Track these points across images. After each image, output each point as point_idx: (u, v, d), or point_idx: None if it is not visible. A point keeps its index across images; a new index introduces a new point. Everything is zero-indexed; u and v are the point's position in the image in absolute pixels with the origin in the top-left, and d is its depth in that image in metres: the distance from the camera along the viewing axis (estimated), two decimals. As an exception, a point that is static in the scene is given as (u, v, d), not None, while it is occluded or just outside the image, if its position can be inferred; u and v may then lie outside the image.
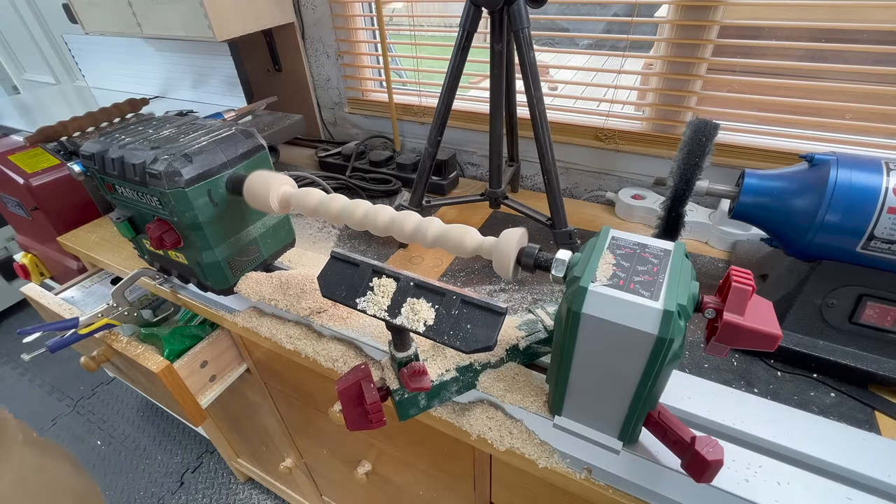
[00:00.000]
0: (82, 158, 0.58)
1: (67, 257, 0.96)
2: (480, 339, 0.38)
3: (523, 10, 0.58)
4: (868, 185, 0.45)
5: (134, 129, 0.60)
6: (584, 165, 0.91)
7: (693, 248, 0.74)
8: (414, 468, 0.74)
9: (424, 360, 0.47)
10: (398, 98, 1.07)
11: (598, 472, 0.43)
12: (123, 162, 0.53)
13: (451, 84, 0.66)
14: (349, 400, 0.43)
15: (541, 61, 0.78)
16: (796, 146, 0.74)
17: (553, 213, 0.67)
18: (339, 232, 0.82)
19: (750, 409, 0.46)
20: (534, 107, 0.62)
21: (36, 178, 0.87)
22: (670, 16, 0.75)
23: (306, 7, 1.07)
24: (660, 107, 0.83)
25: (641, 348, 0.33)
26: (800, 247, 0.50)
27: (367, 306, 0.41)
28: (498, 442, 0.46)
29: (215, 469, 1.45)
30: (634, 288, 0.33)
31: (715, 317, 0.34)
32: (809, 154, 0.50)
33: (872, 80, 0.68)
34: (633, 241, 0.38)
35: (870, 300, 0.48)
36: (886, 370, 0.48)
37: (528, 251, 0.39)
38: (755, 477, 0.40)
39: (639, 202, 0.81)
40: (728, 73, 0.77)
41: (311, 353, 0.58)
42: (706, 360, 0.53)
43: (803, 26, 0.68)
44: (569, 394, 0.41)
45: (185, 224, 0.54)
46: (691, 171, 0.52)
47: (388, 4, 1.07)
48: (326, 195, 0.50)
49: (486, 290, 0.67)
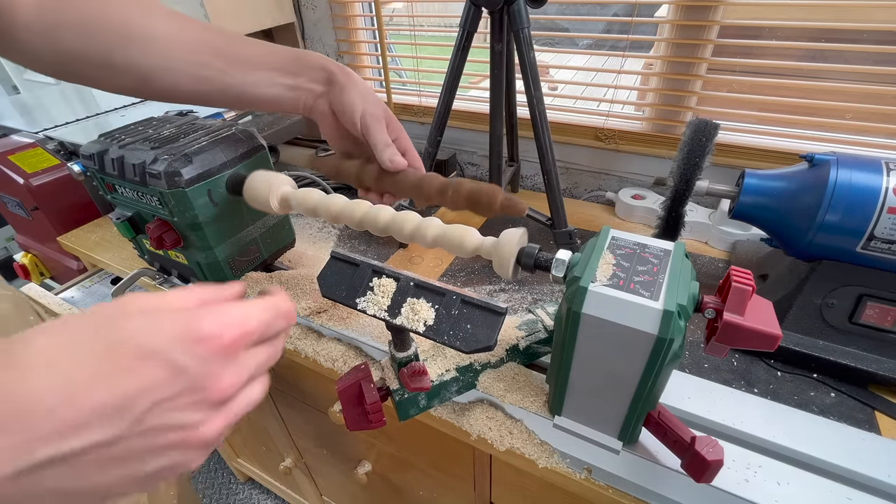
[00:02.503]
0: (82, 158, 0.58)
1: (67, 257, 0.96)
2: (480, 339, 0.38)
3: (523, 10, 0.58)
4: (868, 185, 0.45)
5: (134, 129, 0.60)
6: (584, 165, 0.91)
7: (693, 248, 0.74)
8: (414, 468, 0.74)
9: (424, 360, 0.47)
10: (398, 98, 1.07)
11: (598, 472, 0.43)
12: (123, 162, 0.53)
13: (451, 84, 0.66)
14: (349, 400, 0.43)
15: (541, 61, 0.78)
16: (796, 146, 0.74)
17: (553, 213, 0.67)
18: (339, 232, 0.82)
19: (750, 409, 0.46)
20: (534, 107, 0.62)
21: (36, 178, 0.87)
22: (670, 16, 0.75)
23: (306, 7, 1.07)
24: (660, 107, 0.83)
25: (641, 348, 0.33)
26: (800, 247, 0.50)
27: (367, 306, 0.41)
28: (498, 442, 0.46)
29: (215, 469, 1.45)
30: (634, 288, 0.33)
31: (715, 317, 0.34)
32: (809, 154, 0.50)
33: (872, 80, 0.68)
34: (633, 241, 0.38)
35: (870, 300, 0.48)
36: (886, 370, 0.48)
37: (528, 251, 0.39)
38: (755, 477, 0.40)
39: (639, 202, 0.81)
40: (728, 73, 0.77)
41: (311, 353, 0.58)
42: (706, 360, 0.53)
43: (803, 26, 0.68)
44: (569, 394, 0.41)
45: (185, 224, 0.54)
46: (691, 171, 0.52)
47: (388, 4, 1.08)
48: (326, 195, 0.50)
49: (486, 290, 0.67)
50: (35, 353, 0.20)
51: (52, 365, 0.20)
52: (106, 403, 0.20)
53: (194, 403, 0.22)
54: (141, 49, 0.43)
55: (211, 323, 0.23)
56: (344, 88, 0.46)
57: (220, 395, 0.23)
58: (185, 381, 0.22)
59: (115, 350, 0.21)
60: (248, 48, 0.46)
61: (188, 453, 0.23)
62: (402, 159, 0.45)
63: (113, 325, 0.22)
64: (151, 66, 0.44)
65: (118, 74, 0.44)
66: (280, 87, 0.47)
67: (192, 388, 0.22)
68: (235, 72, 0.46)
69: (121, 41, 0.42)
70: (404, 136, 0.48)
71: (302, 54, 0.47)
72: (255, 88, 0.47)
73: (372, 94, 0.47)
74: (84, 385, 0.20)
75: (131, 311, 0.22)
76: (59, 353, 0.20)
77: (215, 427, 0.23)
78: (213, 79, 0.46)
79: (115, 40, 0.42)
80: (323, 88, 0.47)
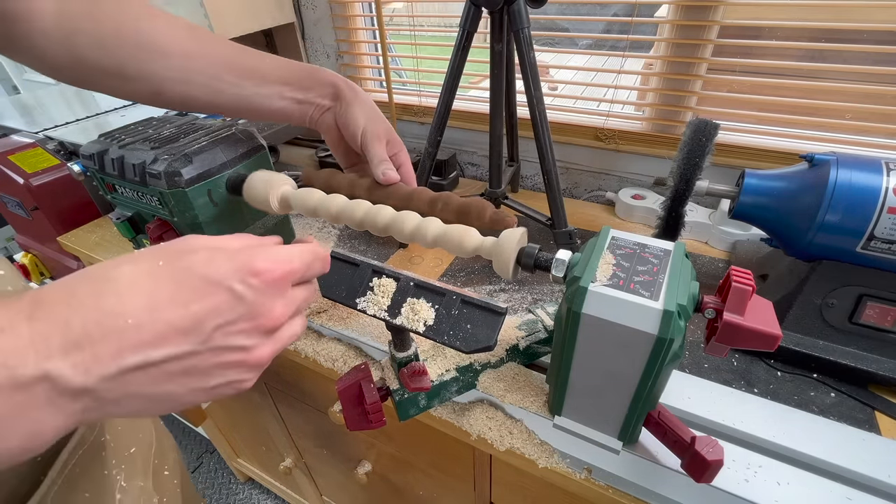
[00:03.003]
0: (82, 158, 0.58)
1: (67, 257, 0.96)
2: (480, 339, 0.38)
3: (523, 10, 0.58)
4: (868, 185, 0.45)
5: (134, 129, 0.60)
6: (584, 165, 0.91)
7: (693, 248, 0.74)
8: (414, 468, 0.74)
9: (424, 360, 0.47)
10: (398, 98, 1.07)
11: (598, 472, 0.43)
12: (123, 162, 0.53)
13: (451, 84, 0.66)
14: (349, 400, 0.43)
15: (541, 61, 0.78)
16: (796, 146, 0.74)
17: (553, 213, 0.67)
18: (339, 232, 0.82)
19: (750, 409, 0.46)
20: (534, 107, 0.62)
21: (36, 178, 0.87)
22: (670, 16, 0.75)
23: (306, 7, 1.07)
24: (660, 107, 0.83)
25: (641, 348, 0.33)
26: (800, 247, 0.50)
27: (367, 306, 0.41)
28: (498, 442, 0.46)
29: (215, 469, 1.45)
30: (634, 288, 0.33)
31: (715, 317, 0.33)
32: (809, 154, 0.50)
33: (872, 80, 0.68)
34: (633, 241, 0.38)
35: (870, 300, 0.48)
36: (886, 370, 0.48)
37: (528, 251, 0.39)
38: (755, 477, 0.40)
39: (639, 202, 0.81)
40: (728, 73, 0.77)
41: (311, 353, 0.58)
42: (706, 360, 0.53)
43: (803, 26, 0.68)
44: (569, 394, 0.41)
45: (185, 224, 0.54)
46: (691, 171, 0.52)
47: (388, 4, 1.07)
48: (326, 195, 0.50)
49: (486, 290, 0.67)
50: (123, 278, 0.24)
51: (138, 288, 0.23)
52: (181, 322, 0.23)
53: (250, 329, 0.26)
54: (155, 60, 0.45)
55: (264, 260, 0.26)
56: (350, 105, 0.48)
57: (271, 323, 0.27)
58: (243, 309, 0.25)
59: (185, 279, 0.24)
60: (261, 62, 0.49)
61: (243, 374, 0.27)
62: (395, 174, 0.47)
63: (182, 257, 0.25)
64: (165, 76, 0.45)
65: (132, 83, 0.46)
66: (290, 100, 0.49)
67: (249, 315, 0.26)
68: (248, 84, 0.48)
69: (135, 52, 0.44)
70: (404, 153, 0.50)
71: (314, 70, 0.50)
72: (266, 101, 0.49)
73: (376, 111, 0.49)
74: (163, 306, 0.23)
75: (196, 248, 0.26)
76: (143, 279, 0.24)
77: (266, 352, 0.27)
78: (225, 91, 0.47)
79: (129, 51, 0.44)
80: (330, 103, 0.50)
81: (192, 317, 0.24)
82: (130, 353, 0.22)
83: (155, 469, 0.47)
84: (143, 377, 0.23)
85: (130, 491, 0.42)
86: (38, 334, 0.21)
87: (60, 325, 0.21)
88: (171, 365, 0.24)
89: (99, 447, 0.40)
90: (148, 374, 0.23)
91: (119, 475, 0.42)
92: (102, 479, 0.40)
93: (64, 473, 0.36)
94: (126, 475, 0.42)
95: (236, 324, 0.25)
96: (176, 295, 0.24)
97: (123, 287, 0.23)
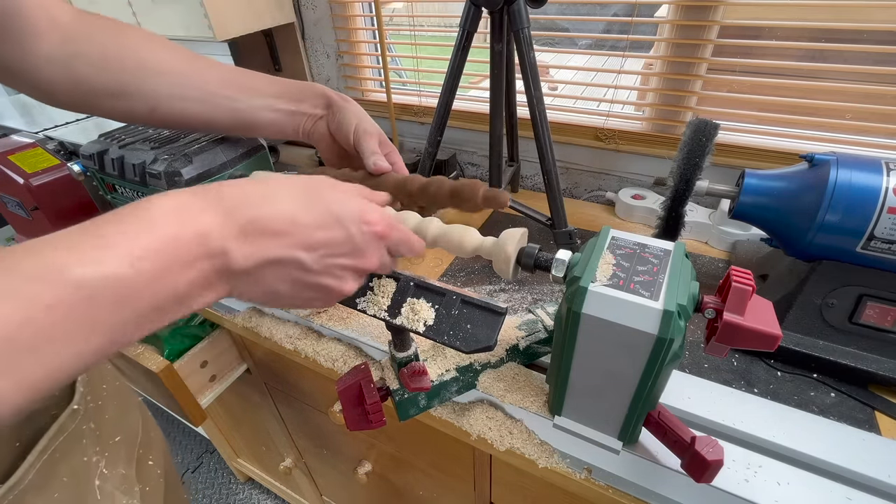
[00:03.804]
0: (82, 158, 0.58)
1: (67, 257, 0.96)
2: (480, 339, 0.38)
3: (523, 10, 0.58)
4: (868, 185, 0.45)
5: (134, 129, 0.60)
6: (584, 165, 0.91)
7: (693, 248, 0.74)
8: (414, 468, 0.74)
9: (424, 360, 0.47)
10: (398, 98, 1.07)
11: (598, 472, 0.43)
12: (123, 162, 0.53)
13: (451, 84, 0.66)
14: (349, 400, 0.43)
15: (541, 61, 0.78)
16: (796, 146, 0.74)
17: (553, 213, 0.67)
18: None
19: (750, 409, 0.46)
20: (534, 107, 0.62)
21: (36, 178, 0.87)
22: (670, 16, 0.75)
23: (306, 7, 1.07)
24: (660, 107, 0.83)
25: (641, 348, 0.33)
26: (800, 247, 0.50)
27: (367, 306, 0.41)
28: (498, 442, 0.46)
29: (215, 469, 1.45)
30: (634, 288, 0.33)
31: (715, 317, 0.33)
32: (809, 154, 0.50)
33: (872, 80, 0.68)
34: (633, 241, 0.38)
35: (870, 300, 0.48)
36: (886, 370, 0.48)
37: (528, 251, 0.39)
38: (755, 477, 0.40)
39: (639, 202, 0.81)
40: (728, 73, 0.77)
41: (311, 353, 0.58)
42: (706, 360, 0.53)
43: (803, 26, 0.68)
44: (569, 394, 0.41)
45: (185, 224, 0.54)
46: (691, 171, 0.52)
47: (388, 4, 1.08)
48: (326, 195, 0.50)
49: (486, 290, 0.67)
50: (281, 195, 0.31)
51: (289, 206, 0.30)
52: (310, 241, 0.30)
53: (348, 266, 0.33)
54: (153, 77, 0.47)
55: (376, 214, 0.34)
56: (341, 109, 0.50)
57: (364, 265, 0.34)
58: (350, 246, 0.32)
59: (321, 212, 0.31)
60: (255, 79, 0.51)
61: (329, 298, 0.34)
62: (386, 164, 0.48)
63: (318, 192, 0.32)
64: (162, 93, 0.48)
65: (129, 101, 0.48)
66: (283, 112, 0.52)
67: (352, 253, 0.33)
68: (242, 97, 0.50)
69: (135, 71, 0.47)
70: (396, 154, 0.51)
71: (306, 84, 0.52)
72: (259, 113, 0.51)
73: (367, 115, 0.51)
74: (302, 226, 0.30)
75: (326, 187, 0.33)
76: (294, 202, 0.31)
77: (350, 287, 0.34)
78: (220, 104, 0.50)
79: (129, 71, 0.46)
80: (323, 112, 0.52)
81: (315, 239, 0.31)
82: (275, 250, 0.29)
83: (139, 458, 0.48)
84: (271, 272, 0.30)
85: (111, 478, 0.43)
86: (226, 221, 0.28)
87: (237, 218, 0.28)
88: (292, 270, 0.30)
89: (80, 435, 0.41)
90: (276, 271, 0.30)
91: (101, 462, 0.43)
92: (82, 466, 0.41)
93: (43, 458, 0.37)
94: (108, 462, 0.43)
95: (342, 258, 0.32)
96: (312, 221, 0.31)
97: (279, 202, 0.30)
